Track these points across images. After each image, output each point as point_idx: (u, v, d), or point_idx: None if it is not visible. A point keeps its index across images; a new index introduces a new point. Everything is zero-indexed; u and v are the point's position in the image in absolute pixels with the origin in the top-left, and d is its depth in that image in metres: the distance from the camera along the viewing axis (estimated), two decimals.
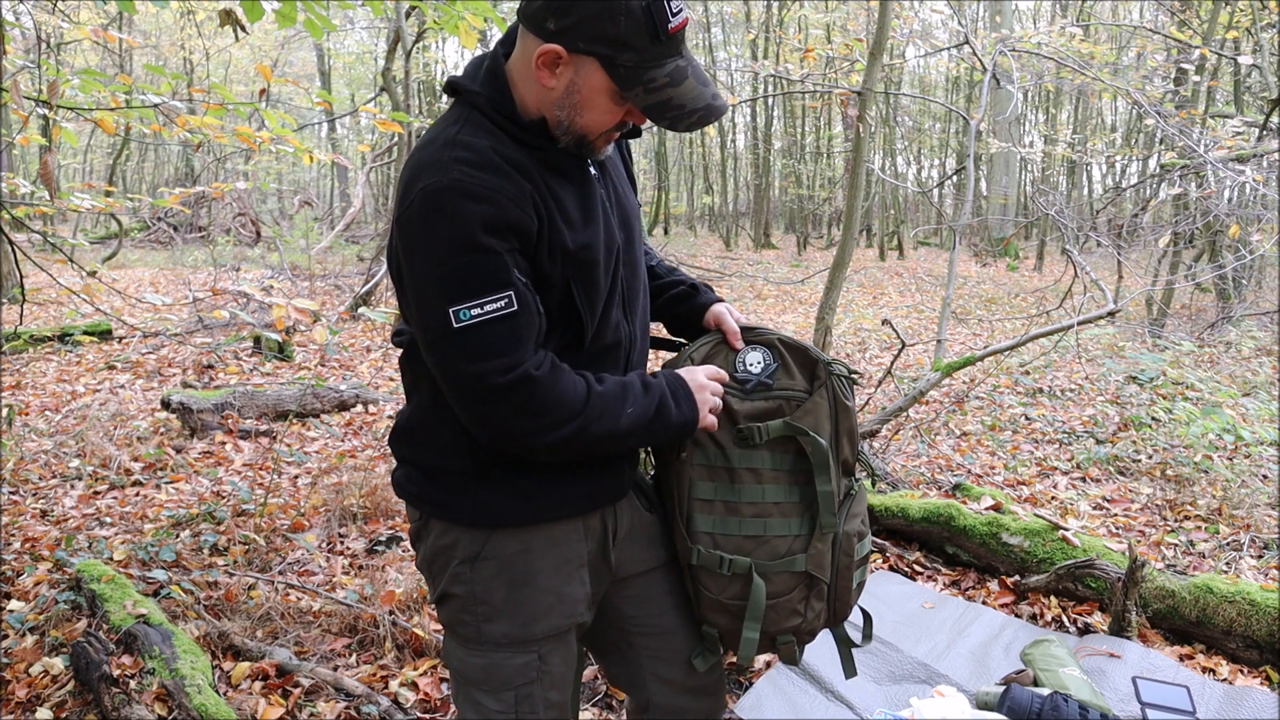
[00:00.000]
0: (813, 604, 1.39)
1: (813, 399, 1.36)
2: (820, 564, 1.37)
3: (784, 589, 1.37)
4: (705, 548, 1.37)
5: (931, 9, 12.37)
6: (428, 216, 1.12)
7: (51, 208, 3.60)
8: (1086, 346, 7.02)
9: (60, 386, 5.79)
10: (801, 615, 1.39)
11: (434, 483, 1.31)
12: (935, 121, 22.18)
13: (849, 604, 1.43)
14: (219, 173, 16.99)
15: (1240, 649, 2.49)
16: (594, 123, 1.19)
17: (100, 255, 13.10)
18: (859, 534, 1.40)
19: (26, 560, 3.12)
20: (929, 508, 3.22)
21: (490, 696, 1.32)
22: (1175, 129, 5.91)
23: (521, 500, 1.28)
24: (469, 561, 1.29)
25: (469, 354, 1.14)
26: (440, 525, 1.32)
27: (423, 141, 1.21)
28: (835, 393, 1.36)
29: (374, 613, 2.65)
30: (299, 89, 15.82)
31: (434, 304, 1.13)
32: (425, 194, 1.12)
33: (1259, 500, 3.70)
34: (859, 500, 1.42)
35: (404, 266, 1.17)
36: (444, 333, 1.13)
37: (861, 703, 2.29)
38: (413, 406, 1.34)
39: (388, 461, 4.30)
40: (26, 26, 4.24)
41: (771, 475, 1.36)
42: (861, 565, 1.43)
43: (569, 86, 1.16)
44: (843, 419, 1.37)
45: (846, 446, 1.39)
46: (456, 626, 1.34)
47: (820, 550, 1.36)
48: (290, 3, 2.66)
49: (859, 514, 1.41)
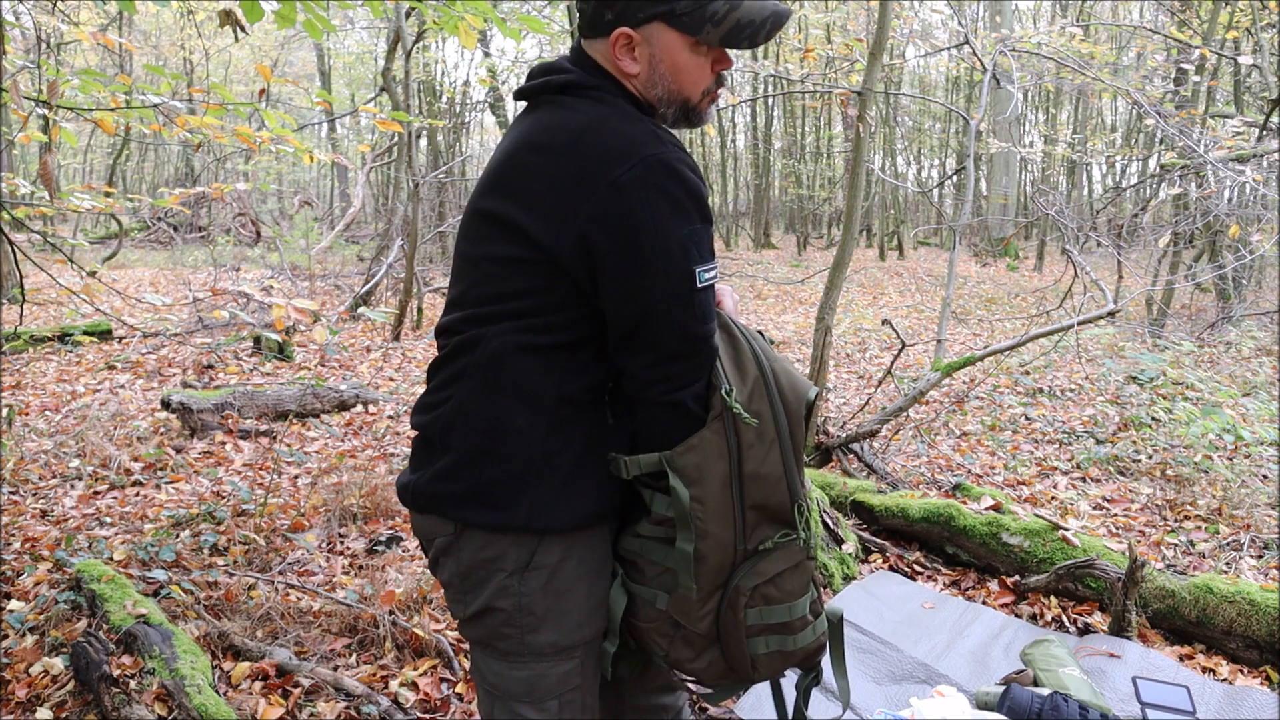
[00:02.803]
0: (678, 646, 1.28)
1: (701, 434, 1.19)
2: (685, 612, 1.25)
3: (651, 616, 1.29)
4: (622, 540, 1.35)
5: (931, 9, 12.37)
6: (665, 180, 1.14)
7: (51, 208, 3.61)
8: (1086, 346, 7.02)
9: (60, 386, 5.79)
10: (664, 650, 1.30)
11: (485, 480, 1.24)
12: (935, 121, 22.17)
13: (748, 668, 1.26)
14: (219, 173, 16.99)
15: (1240, 649, 2.49)
16: (689, 83, 1.23)
17: (100, 255, 13.11)
18: (765, 597, 1.22)
19: (26, 560, 3.12)
20: (929, 508, 3.22)
21: (533, 708, 1.30)
22: (1175, 129, 5.91)
23: (569, 504, 1.25)
24: (518, 573, 1.25)
25: (701, 313, 1.18)
26: (480, 537, 1.26)
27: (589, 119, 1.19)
28: (737, 429, 1.20)
29: (374, 613, 2.65)
30: (299, 89, 15.83)
31: (680, 264, 1.15)
32: (658, 161, 1.14)
33: (1259, 500, 3.70)
34: (771, 559, 1.23)
35: (631, 227, 1.13)
36: (687, 294, 1.16)
37: (861, 703, 2.29)
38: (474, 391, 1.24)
39: (388, 461, 4.30)
40: (26, 26, 4.24)
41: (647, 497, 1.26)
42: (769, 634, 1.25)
43: (651, 61, 1.22)
44: (747, 459, 1.20)
45: (758, 492, 1.21)
46: (496, 641, 1.29)
47: (684, 600, 1.24)
48: (290, 3, 2.66)
49: (764, 574, 1.22)
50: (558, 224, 1.16)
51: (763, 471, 1.21)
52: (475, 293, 1.25)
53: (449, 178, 11.89)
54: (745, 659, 1.26)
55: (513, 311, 1.21)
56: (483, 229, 1.24)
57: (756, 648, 1.25)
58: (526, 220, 1.18)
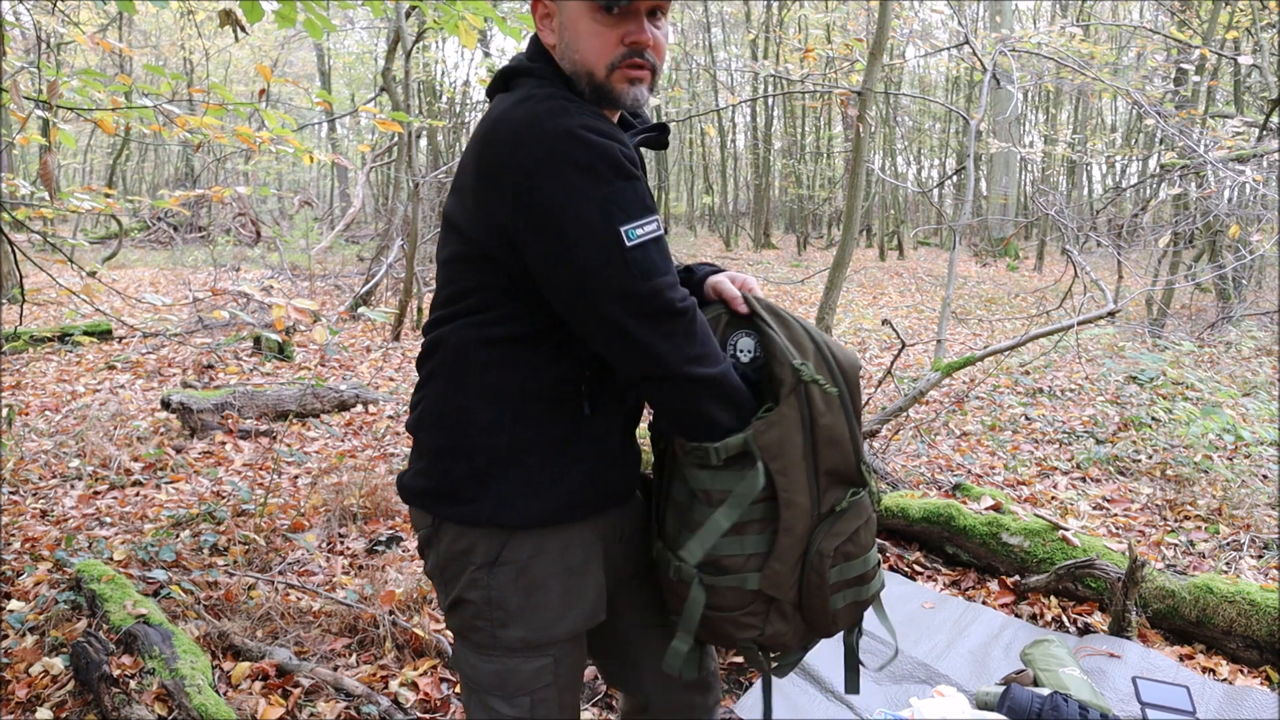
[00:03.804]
0: (773, 620, 1.28)
1: (779, 409, 1.23)
2: (777, 584, 1.25)
3: (733, 604, 1.27)
4: (664, 545, 1.33)
5: (931, 9, 12.37)
6: (570, 150, 1.12)
7: (51, 208, 3.61)
8: (1086, 346, 7.02)
9: (60, 386, 5.79)
10: (758, 629, 1.29)
11: (459, 474, 1.27)
12: (935, 121, 22.18)
13: (829, 624, 1.30)
14: (219, 173, 16.98)
15: (1240, 649, 2.49)
16: (591, 53, 1.20)
17: (100, 255, 13.10)
18: (844, 554, 1.26)
19: (26, 560, 3.12)
20: (929, 508, 3.22)
21: (505, 702, 1.31)
22: (1175, 129, 5.91)
23: (539, 499, 1.26)
24: (486, 566, 1.27)
25: (644, 272, 1.14)
26: (455, 530, 1.29)
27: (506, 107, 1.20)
28: (808, 400, 1.23)
29: (374, 613, 2.65)
30: (299, 89, 15.83)
31: (602, 229, 1.12)
32: (561, 131, 1.12)
33: (1259, 500, 3.70)
34: (847, 518, 1.27)
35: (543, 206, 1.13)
36: (617, 255, 1.13)
37: (861, 703, 2.29)
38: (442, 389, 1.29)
39: (388, 461, 4.30)
40: (26, 26, 4.24)
41: (720, 496, 1.24)
42: (849, 587, 1.29)
43: (561, 31, 1.22)
44: (822, 429, 1.24)
45: (832, 457, 1.25)
46: (470, 633, 1.32)
47: (779, 571, 1.24)
48: (290, 3, 2.66)
49: (843, 533, 1.26)
50: (484, 217, 1.19)
51: (834, 437, 1.25)
52: (442, 294, 1.30)
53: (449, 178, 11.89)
54: (828, 615, 1.29)
55: (466, 309, 1.25)
56: (443, 231, 1.30)
57: (837, 603, 1.29)
58: (462, 219, 1.23)
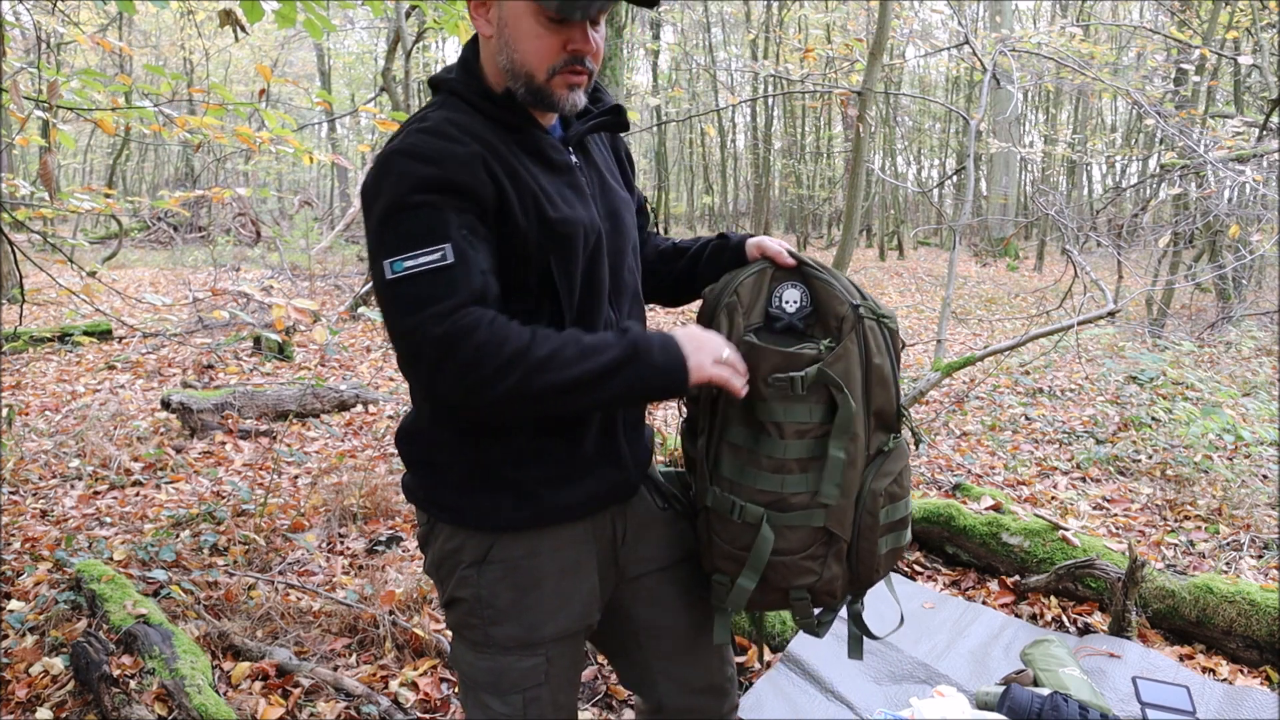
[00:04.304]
0: (830, 564, 1.29)
1: (843, 344, 1.25)
2: (841, 522, 1.27)
3: (797, 545, 1.28)
4: (722, 490, 1.31)
5: (931, 9, 12.36)
6: (377, 178, 1.16)
7: (51, 208, 3.61)
8: (1086, 346, 7.02)
9: (60, 386, 5.79)
10: (817, 574, 1.29)
11: (439, 485, 1.31)
12: (935, 121, 22.17)
13: (874, 569, 1.31)
14: (219, 173, 16.98)
15: (1240, 649, 2.49)
16: (531, 55, 1.19)
17: (100, 255, 13.10)
18: (891, 495, 1.28)
19: (26, 560, 3.12)
20: (929, 508, 3.22)
21: (498, 700, 1.32)
22: (1175, 129, 5.91)
23: (525, 503, 1.27)
24: (475, 565, 1.29)
25: (405, 306, 1.11)
26: (447, 529, 1.31)
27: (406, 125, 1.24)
28: (865, 338, 1.26)
29: (374, 613, 2.65)
30: (299, 89, 15.83)
31: (375, 260, 1.13)
32: (380, 160, 1.17)
33: (1259, 500, 3.70)
34: (893, 458, 1.30)
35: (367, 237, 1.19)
36: (383, 287, 1.12)
37: (861, 703, 2.29)
38: (416, 408, 1.34)
39: (388, 461, 4.30)
40: (26, 26, 4.24)
41: (794, 430, 1.26)
42: (892, 531, 1.31)
43: (500, 26, 1.20)
44: (875, 368, 1.26)
45: (880, 397, 1.28)
46: (464, 630, 1.33)
47: (843, 505, 1.27)
48: (290, 3, 2.66)
49: (891, 473, 1.29)
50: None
51: (883, 377, 1.27)
52: None
53: None
54: (875, 560, 1.30)
55: None
56: None
57: (882, 547, 1.30)
58: None
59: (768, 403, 1.26)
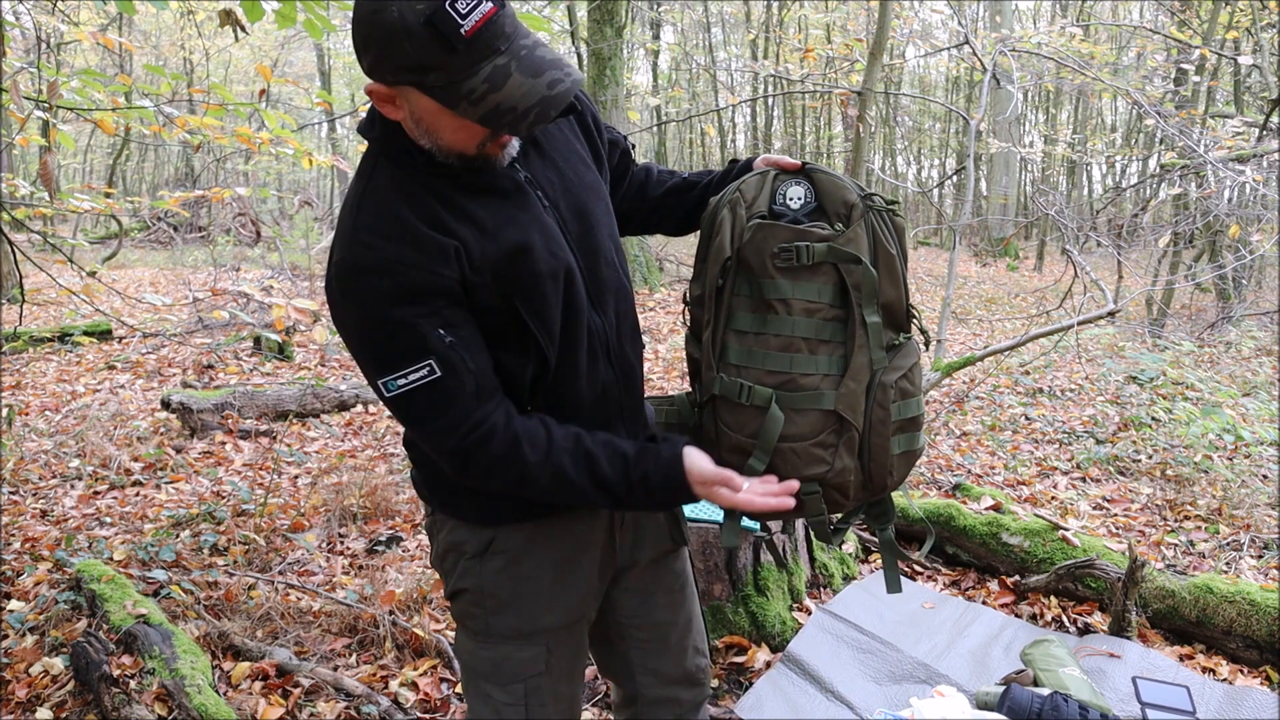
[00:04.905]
0: (842, 454, 1.25)
1: (852, 228, 1.23)
2: (852, 406, 1.23)
3: (807, 430, 1.24)
4: (729, 376, 1.28)
5: (931, 9, 12.36)
6: (339, 296, 1.16)
7: (51, 208, 3.61)
8: (1086, 346, 7.02)
9: (60, 386, 5.79)
10: (828, 464, 1.24)
11: (443, 481, 1.32)
12: (935, 121, 22.16)
13: (887, 469, 1.27)
14: (219, 173, 16.98)
15: (1240, 649, 2.49)
16: (456, 142, 1.13)
17: (100, 255, 13.09)
18: (902, 390, 1.25)
19: (26, 560, 3.12)
20: (929, 508, 3.22)
21: (499, 689, 1.34)
22: (1175, 129, 5.91)
23: (518, 504, 1.29)
24: (478, 557, 1.32)
25: (412, 419, 1.19)
26: (451, 522, 1.35)
27: (345, 198, 1.21)
28: (874, 228, 1.24)
29: (374, 613, 2.66)
30: (299, 89, 15.82)
31: (367, 373, 1.18)
32: (336, 272, 1.16)
33: (1259, 500, 3.70)
34: (904, 354, 1.27)
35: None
36: (382, 398, 1.19)
37: (861, 703, 2.29)
38: None
39: (388, 461, 4.30)
40: (26, 26, 4.24)
41: (802, 307, 1.23)
42: (904, 432, 1.27)
43: (412, 115, 1.12)
44: (885, 256, 1.24)
45: (889, 290, 1.24)
46: (466, 620, 1.36)
47: (854, 390, 1.23)
48: (290, 3, 2.66)
49: (901, 368, 1.26)
50: None
51: (892, 269, 1.24)
52: None
53: None
54: (887, 459, 1.27)
55: None
56: None
57: (894, 448, 1.27)
58: None
59: (775, 280, 1.24)
